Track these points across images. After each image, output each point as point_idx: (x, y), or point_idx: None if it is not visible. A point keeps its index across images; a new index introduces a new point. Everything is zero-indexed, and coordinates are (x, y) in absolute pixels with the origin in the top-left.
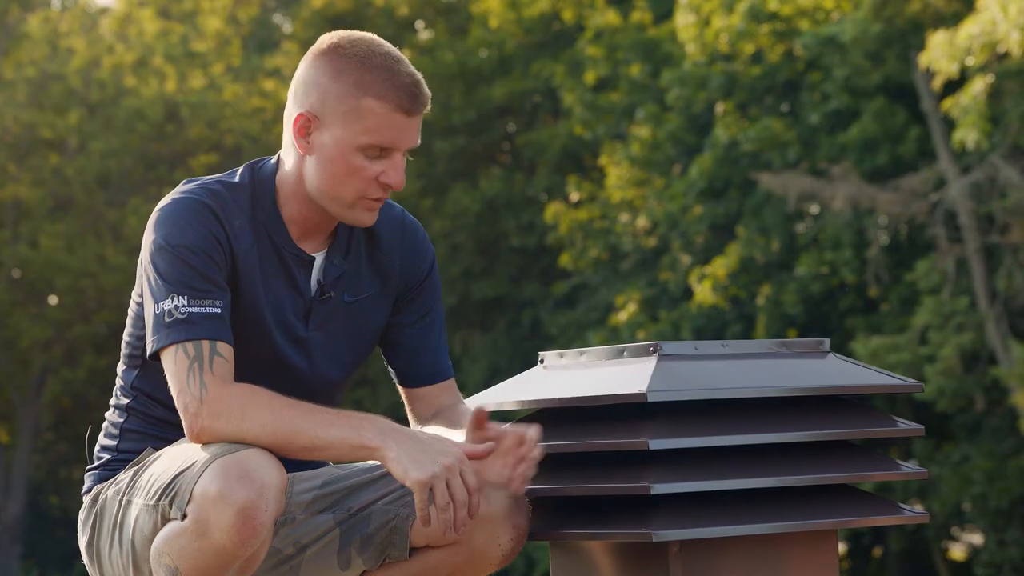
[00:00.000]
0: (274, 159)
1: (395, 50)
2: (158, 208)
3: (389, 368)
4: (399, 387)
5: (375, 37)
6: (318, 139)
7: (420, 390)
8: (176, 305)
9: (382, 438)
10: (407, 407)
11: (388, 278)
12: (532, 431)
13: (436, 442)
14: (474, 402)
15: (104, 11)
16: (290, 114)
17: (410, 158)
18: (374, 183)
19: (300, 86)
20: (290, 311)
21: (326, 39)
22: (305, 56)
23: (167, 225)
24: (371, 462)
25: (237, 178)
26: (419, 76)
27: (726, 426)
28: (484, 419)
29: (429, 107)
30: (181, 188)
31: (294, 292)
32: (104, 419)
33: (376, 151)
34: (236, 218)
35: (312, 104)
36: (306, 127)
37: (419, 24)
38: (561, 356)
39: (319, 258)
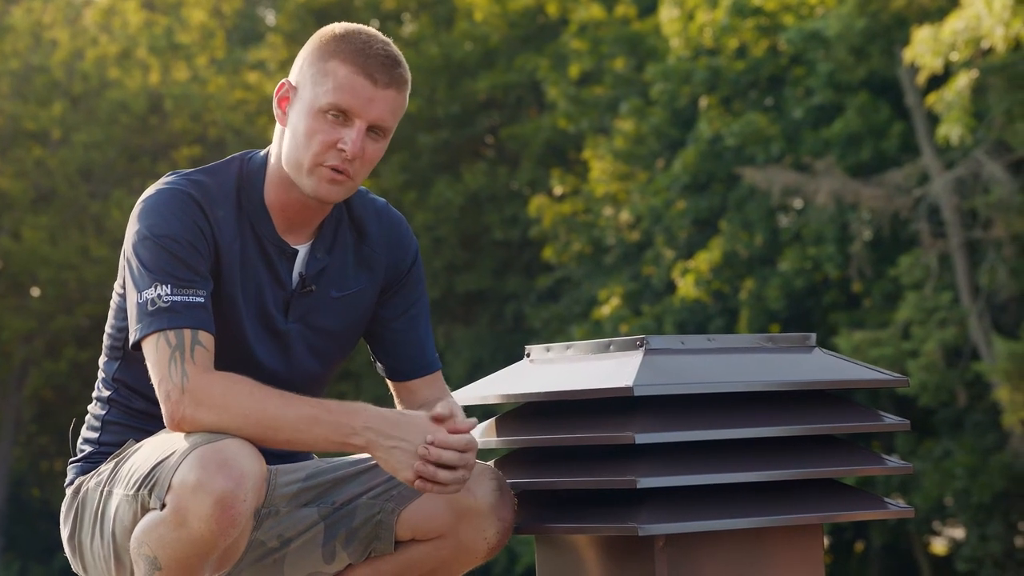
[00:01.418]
0: (264, 151)
1: (385, 37)
2: (142, 199)
3: (376, 363)
4: (388, 381)
5: (371, 28)
6: (292, 108)
7: (407, 384)
8: (160, 294)
9: (368, 436)
10: (396, 400)
11: (375, 272)
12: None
13: (420, 433)
14: (462, 395)
15: (88, 3)
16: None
17: (374, 135)
18: (332, 149)
19: (293, 65)
20: (270, 302)
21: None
22: None
23: (151, 215)
24: (357, 455)
25: (225, 168)
26: (397, 56)
27: (712, 420)
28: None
29: (403, 90)
30: (165, 179)
31: (275, 284)
32: (86, 412)
33: (338, 114)
34: (220, 208)
35: (293, 75)
36: (287, 97)
37: (404, 17)
38: (547, 350)
39: (302, 251)
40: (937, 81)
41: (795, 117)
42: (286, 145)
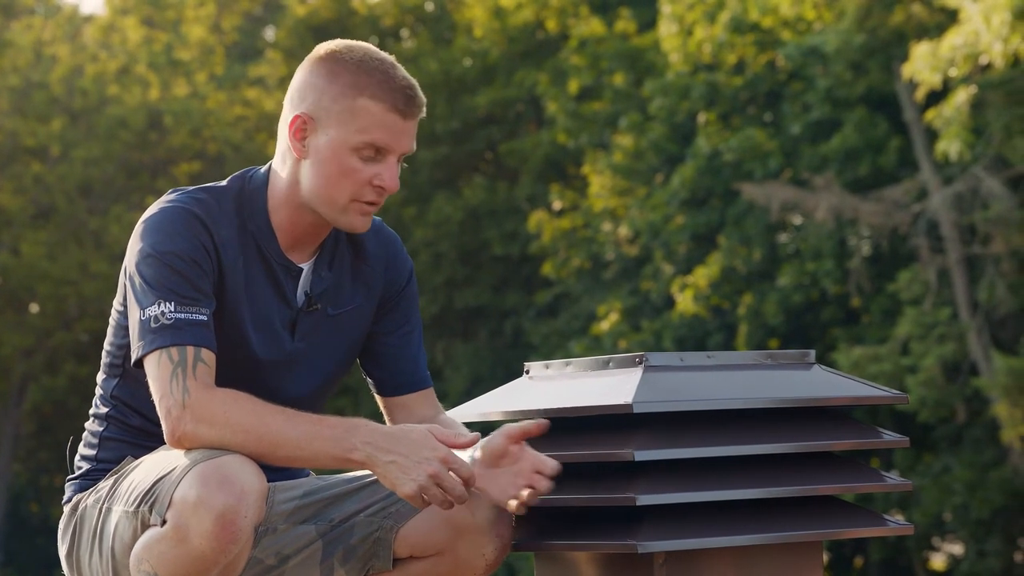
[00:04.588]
0: (264, 169)
1: (390, 57)
2: (144, 217)
3: (367, 378)
4: (377, 397)
5: (370, 45)
6: (314, 141)
7: (399, 399)
8: (163, 311)
9: (367, 451)
10: (386, 417)
11: (371, 289)
12: (553, 464)
13: (420, 448)
14: (460, 412)
15: (88, 19)
16: (286, 119)
17: (405, 164)
18: (368, 186)
19: (296, 92)
20: (277, 321)
21: (323, 46)
22: (302, 63)
23: (154, 233)
24: (353, 472)
25: (225, 187)
26: (414, 81)
27: (712, 437)
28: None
29: (424, 113)
30: (167, 197)
31: (282, 303)
32: (84, 428)
33: (371, 151)
34: (224, 228)
35: (309, 106)
36: (302, 129)
37: (403, 33)
38: (547, 367)
39: (306, 269)
40: (936, 97)
41: (793, 132)
42: (310, 179)
